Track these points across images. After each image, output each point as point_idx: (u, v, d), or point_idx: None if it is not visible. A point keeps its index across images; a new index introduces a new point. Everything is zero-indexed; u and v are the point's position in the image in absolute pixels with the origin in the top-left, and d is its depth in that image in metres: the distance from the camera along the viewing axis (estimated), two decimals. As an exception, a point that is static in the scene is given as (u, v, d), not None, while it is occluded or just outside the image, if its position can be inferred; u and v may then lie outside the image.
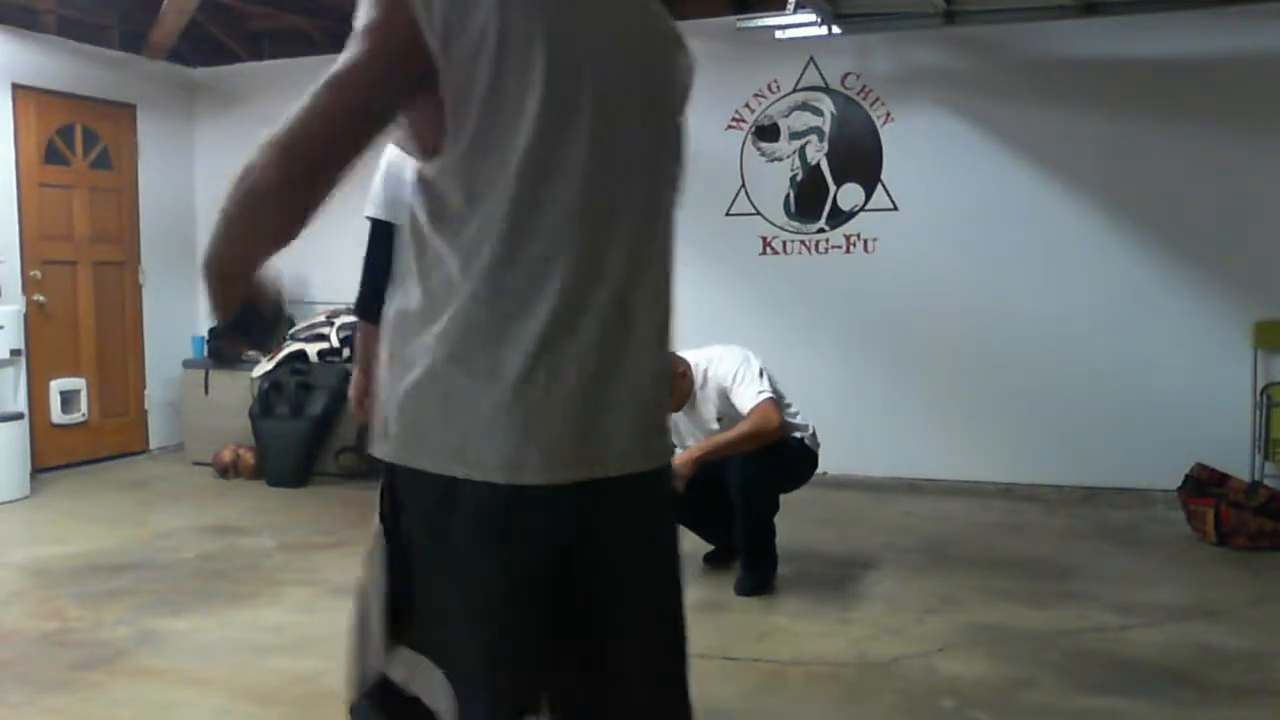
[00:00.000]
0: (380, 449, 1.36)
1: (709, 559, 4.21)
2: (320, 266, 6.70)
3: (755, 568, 3.94)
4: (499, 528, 1.28)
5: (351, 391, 2.90)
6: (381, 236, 2.70)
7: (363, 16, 1.27)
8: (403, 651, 1.35)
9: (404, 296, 1.34)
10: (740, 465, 3.83)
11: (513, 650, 1.31)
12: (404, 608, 1.34)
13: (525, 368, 1.27)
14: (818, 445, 4.07)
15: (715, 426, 3.88)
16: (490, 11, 1.23)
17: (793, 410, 4.02)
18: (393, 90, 1.27)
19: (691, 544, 4.31)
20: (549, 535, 1.31)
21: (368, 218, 2.81)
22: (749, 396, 3.82)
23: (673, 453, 1.50)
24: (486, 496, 1.27)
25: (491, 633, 1.30)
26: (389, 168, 2.68)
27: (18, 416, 5.65)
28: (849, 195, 5.84)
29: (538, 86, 1.25)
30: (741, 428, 3.80)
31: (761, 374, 3.88)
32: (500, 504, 1.27)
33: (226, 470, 6.15)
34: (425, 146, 1.31)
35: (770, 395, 3.83)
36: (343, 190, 1.40)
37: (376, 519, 1.38)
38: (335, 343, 6.26)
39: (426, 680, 1.33)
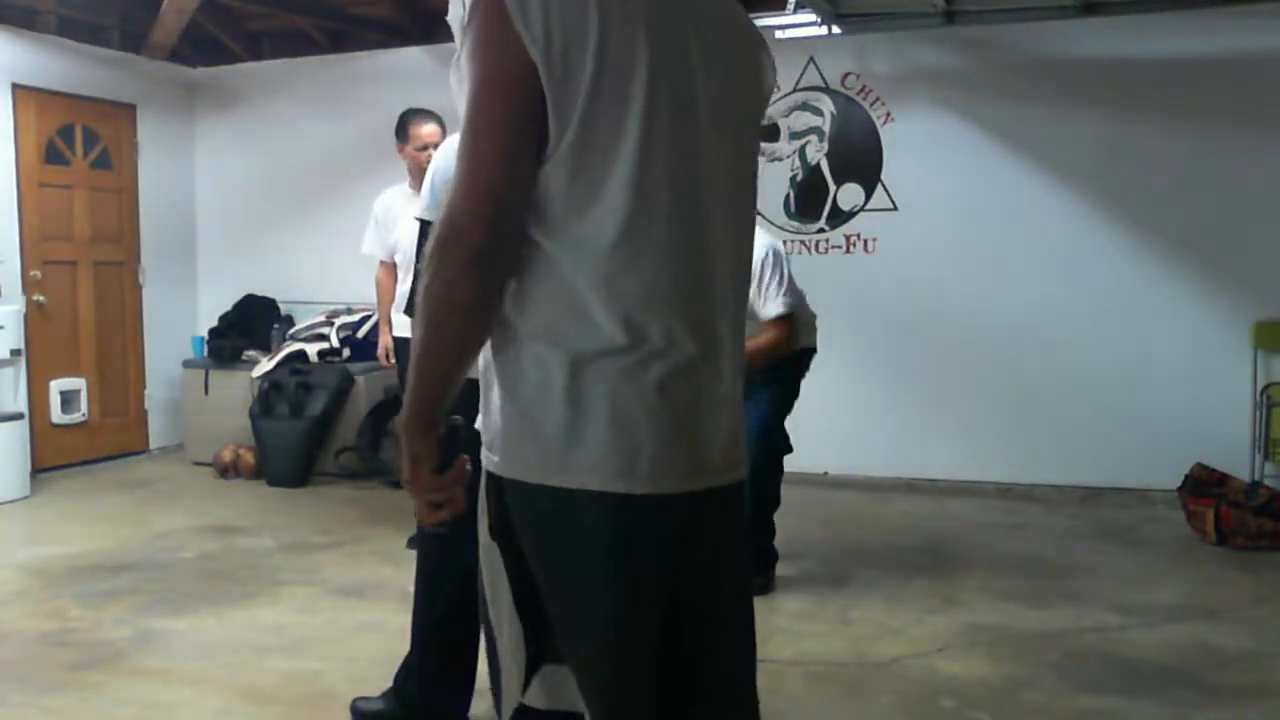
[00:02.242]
0: (489, 461, 1.34)
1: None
2: (320, 266, 6.72)
3: (755, 567, 3.93)
4: (612, 537, 1.28)
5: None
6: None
7: (466, 41, 1.25)
8: (544, 668, 1.34)
9: (508, 303, 1.30)
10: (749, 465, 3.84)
11: (633, 658, 1.32)
12: (536, 622, 1.34)
13: (635, 380, 1.27)
14: (814, 334, 4.04)
15: None
16: (590, 19, 1.23)
17: (807, 302, 4.00)
18: (522, 112, 1.23)
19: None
20: (659, 545, 1.31)
21: (418, 219, 2.79)
22: (772, 307, 3.78)
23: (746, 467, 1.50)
24: (599, 506, 1.27)
25: (615, 642, 1.31)
26: (440, 171, 2.65)
27: (18, 416, 5.65)
28: (849, 195, 5.84)
29: (639, 93, 1.25)
30: (760, 343, 3.73)
31: (783, 279, 3.82)
32: (613, 513, 1.27)
33: (226, 470, 6.15)
34: None
35: (788, 312, 3.81)
36: (342, 190, 1.39)
37: (486, 533, 1.36)
38: (335, 343, 6.26)
39: (569, 688, 1.34)
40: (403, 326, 4.37)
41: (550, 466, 1.28)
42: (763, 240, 3.65)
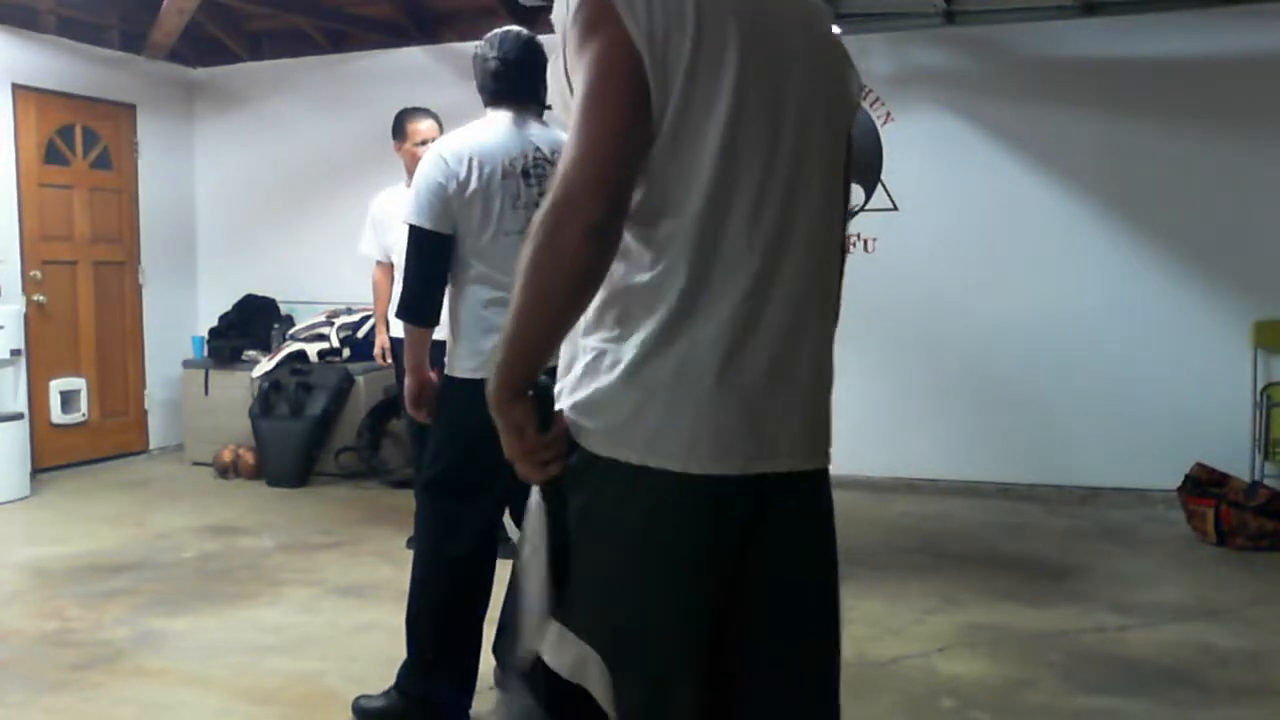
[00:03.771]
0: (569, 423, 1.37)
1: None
2: (320, 267, 6.72)
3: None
4: (669, 513, 1.32)
5: (409, 396, 2.82)
6: (438, 247, 2.65)
7: (574, 33, 1.30)
8: (555, 628, 1.36)
9: None
10: None
11: (668, 635, 1.33)
12: (562, 584, 1.36)
13: (706, 363, 1.31)
14: None
15: None
16: (688, 12, 1.29)
17: None
18: (631, 96, 1.28)
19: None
20: (714, 527, 1.33)
21: (408, 224, 2.76)
22: None
23: (830, 456, 1.49)
24: (660, 482, 1.30)
25: (650, 616, 1.33)
26: (424, 177, 2.64)
27: (18, 416, 5.65)
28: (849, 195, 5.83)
29: (729, 84, 1.30)
30: None
31: None
32: (673, 490, 1.31)
33: (226, 470, 6.15)
34: None
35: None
36: (342, 190, 1.40)
37: (537, 494, 1.38)
38: (335, 343, 6.26)
39: (579, 659, 1.34)
40: (400, 327, 4.37)
41: (613, 439, 1.32)
42: None
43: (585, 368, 1.35)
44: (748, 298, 1.32)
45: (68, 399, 6.30)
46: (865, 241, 5.80)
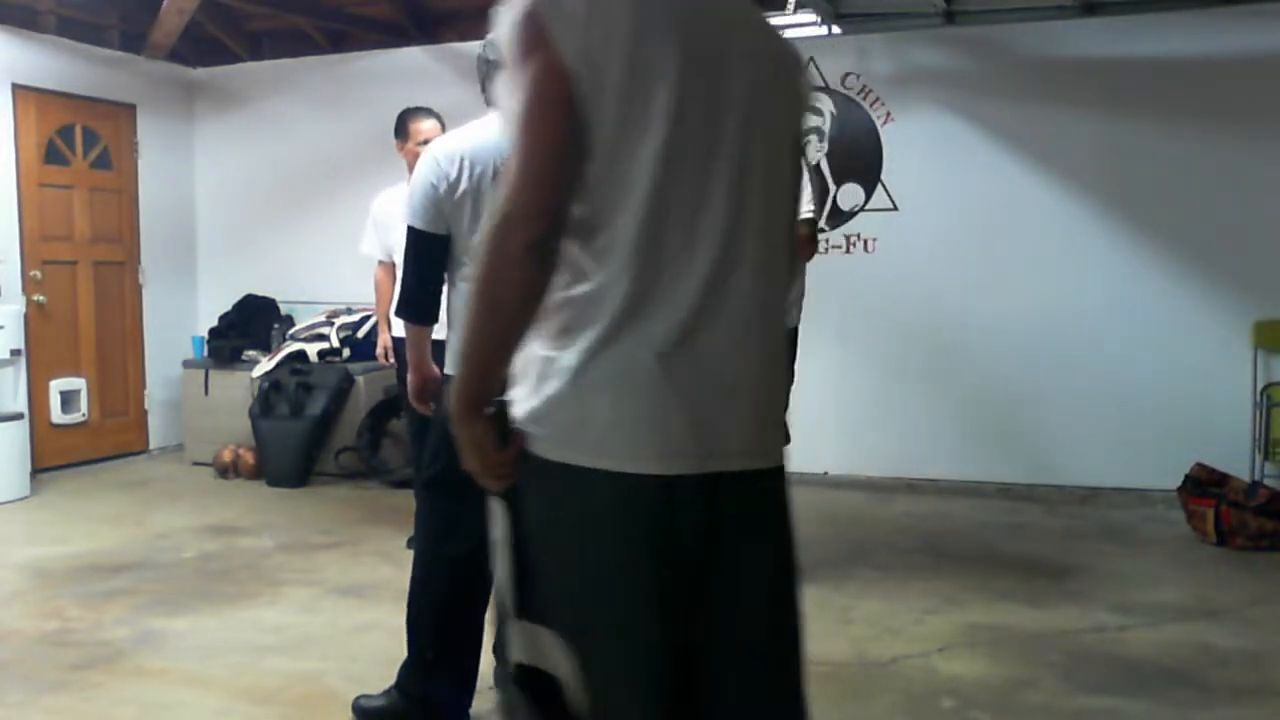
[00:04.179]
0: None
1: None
2: (320, 266, 6.72)
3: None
4: (616, 515, 1.34)
5: (412, 391, 2.85)
6: (433, 247, 2.67)
7: (512, 54, 1.34)
8: (524, 625, 1.40)
9: None
10: None
11: (626, 631, 1.36)
12: (527, 584, 1.40)
13: (650, 365, 1.34)
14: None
15: None
16: (624, 31, 1.32)
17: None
18: (566, 116, 1.31)
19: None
20: (664, 524, 1.35)
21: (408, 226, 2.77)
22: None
23: (785, 454, 1.52)
24: (610, 483, 1.33)
25: (605, 612, 1.36)
26: (419, 180, 2.65)
27: (18, 416, 5.65)
28: (849, 195, 5.84)
29: (663, 111, 1.33)
30: None
31: (811, 197, 3.87)
32: (620, 492, 1.34)
33: (226, 470, 6.15)
34: None
35: (815, 219, 3.82)
36: (342, 190, 1.42)
37: (497, 502, 1.43)
38: (335, 343, 6.26)
39: (547, 649, 1.38)
40: (401, 326, 4.37)
41: (563, 444, 1.35)
42: None
43: (534, 376, 1.38)
44: (693, 302, 1.35)
45: (68, 399, 6.30)
46: (865, 241, 5.80)
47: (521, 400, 1.39)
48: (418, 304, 2.70)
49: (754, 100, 1.41)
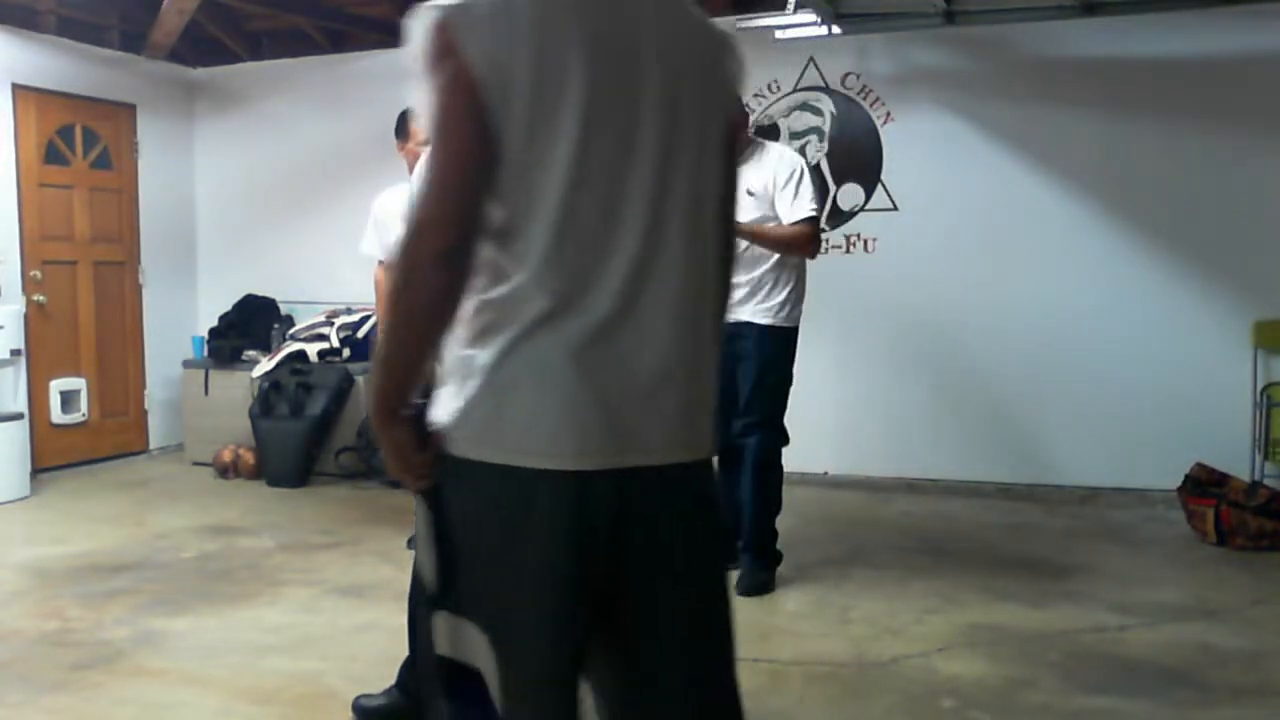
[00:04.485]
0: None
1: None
2: (320, 266, 6.72)
3: (758, 567, 3.94)
4: (532, 511, 1.35)
5: None
6: None
7: (423, 65, 1.36)
8: (446, 617, 1.42)
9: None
10: (751, 465, 3.89)
11: (545, 624, 1.37)
12: (450, 578, 1.42)
13: (565, 362, 1.35)
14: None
15: (745, 201, 3.83)
16: (528, 41, 1.33)
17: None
18: (474, 127, 1.33)
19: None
20: (580, 520, 1.36)
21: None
22: (801, 209, 3.82)
23: (711, 448, 1.53)
24: (526, 480, 1.35)
25: (522, 607, 1.37)
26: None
27: (18, 416, 5.65)
28: (849, 195, 5.84)
29: (574, 113, 1.34)
30: (783, 231, 3.82)
31: (814, 189, 3.91)
32: (536, 488, 1.35)
33: (226, 470, 6.15)
34: None
35: (817, 215, 3.86)
36: (342, 190, 1.43)
37: (420, 501, 1.45)
38: (335, 343, 6.26)
39: (468, 641, 1.40)
40: None
41: (481, 442, 1.37)
42: (790, 157, 3.89)
43: (454, 378, 1.41)
44: (614, 300, 1.37)
45: (68, 399, 6.30)
46: (865, 241, 5.80)
47: (446, 401, 1.42)
48: None
49: (673, 93, 1.42)
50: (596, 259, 1.37)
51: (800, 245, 3.87)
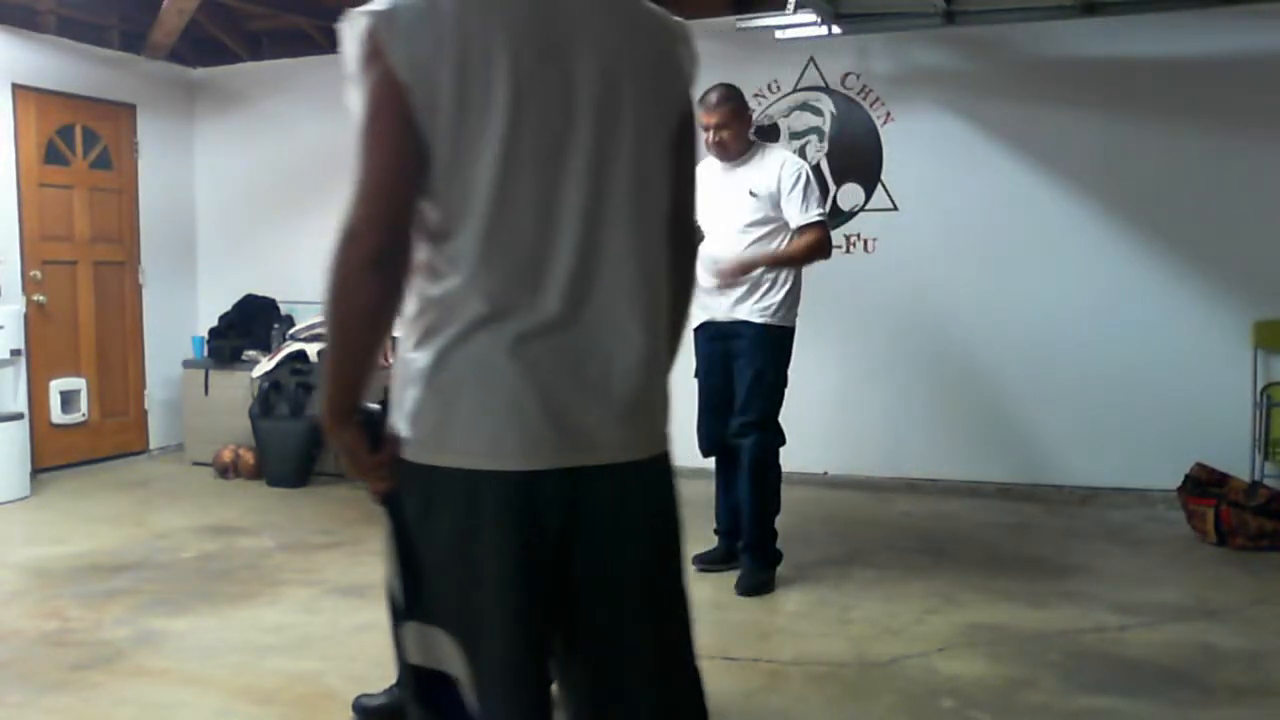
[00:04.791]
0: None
1: (700, 560, 4.19)
2: (320, 267, 6.72)
3: (757, 567, 3.94)
4: (482, 513, 1.35)
5: None
6: None
7: (353, 68, 1.39)
8: (416, 626, 1.42)
9: (406, 303, 1.43)
10: (749, 466, 3.89)
11: (507, 625, 1.37)
12: (415, 586, 1.42)
13: (505, 363, 1.35)
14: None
15: (747, 202, 3.87)
16: (451, 41, 1.32)
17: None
18: (401, 130, 1.34)
19: (689, 544, 4.30)
20: (530, 520, 1.36)
21: None
22: (811, 213, 3.86)
23: (666, 445, 1.52)
24: (474, 481, 1.35)
25: (483, 610, 1.37)
26: None
27: (18, 416, 5.65)
28: (849, 195, 5.84)
29: (501, 111, 1.33)
30: (798, 244, 3.85)
31: (819, 193, 3.96)
32: (484, 490, 1.35)
33: (226, 470, 6.15)
34: None
35: (823, 219, 3.90)
36: (341, 190, 1.43)
37: (381, 507, 1.46)
38: (335, 343, 6.25)
39: (439, 648, 1.40)
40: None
41: (429, 446, 1.38)
42: (794, 161, 3.93)
43: (403, 380, 1.42)
44: (554, 298, 1.36)
45: (68, 399, 6.30)
46: (865, 241, 5.80)
47: (396, 405, 1.43)
48: None
49: (613, 88, 1.39)
50: (535, 260, 1.36)
51: (820, 251, 3.91)
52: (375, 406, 1.45)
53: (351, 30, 1.38)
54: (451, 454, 1.36)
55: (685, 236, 1.59)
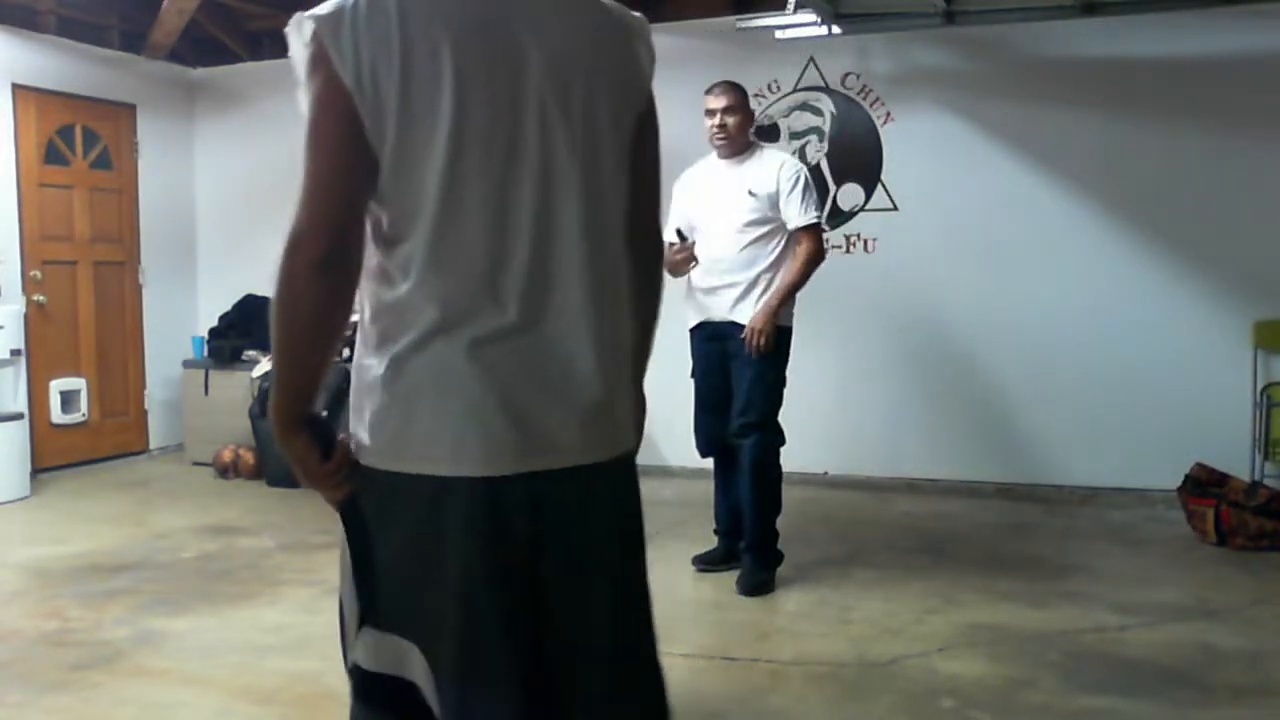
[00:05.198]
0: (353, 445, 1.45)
1: (700, 560, 4.20)
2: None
3: (758, 567, 3.94)
4: (445, 519, 1.35)
5: None
6: None
7: (300, 73, 1.36)
8: (367, 633, 1.43)
9: (362, 308, 1.43)
10: (750, 466, 3.89)
11: (470, 629, 1.37)
12: (372, 594, 1.44)
13: (463, 368, 1.34)
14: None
15: (745, 201, 3.88)
16: (394, 42, 1.31)
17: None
18: (346, 133, 1.33)
19: (688, 545, 4.31)
20: (493, 525, 1.36)
21: None
22: (808, 215, 3.90)
23: (629, 445, 1.51)
24: (435, 488, 1.35)
25: (450, 616, 1.37)
26: None
27: (18, 416, 5.65)
28: (849, 195, 5.84)
29: (446, 114, 1.32)
30: (800, 261, 3.90)
31: (816, 194, 4.01)
32: (447, 496, 1.35)
33: (226, 470, 6.15)
34: None
35: (818, 221, 3.95)
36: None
37: (337, 516, 1.47)
38: (335, 343, 6.25)
39: (398, 655, 1.40)
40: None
41: (387, 453, 1.38)
42: (793, 163, 3.95)
43: (360, 386, 1.42)
44: (511, 300, 1.35)
45: (68, 399, 6.30)
46: (865, 241, 5.80)
47: (354, 411, 1.42)
48: None
49: (563, 88, 1.38)
50: (488, 265, 1.35)
51: (818, 261, 3.95)
52: (321, 413, 1.44)
53: (296, 34, 1.35)
54: (413, 460, 1.36)
55: (646, 236, 1.57)
